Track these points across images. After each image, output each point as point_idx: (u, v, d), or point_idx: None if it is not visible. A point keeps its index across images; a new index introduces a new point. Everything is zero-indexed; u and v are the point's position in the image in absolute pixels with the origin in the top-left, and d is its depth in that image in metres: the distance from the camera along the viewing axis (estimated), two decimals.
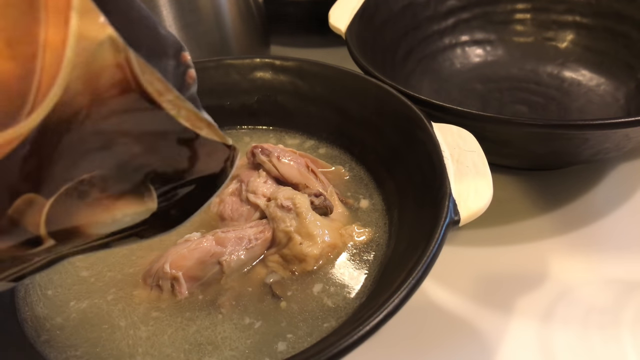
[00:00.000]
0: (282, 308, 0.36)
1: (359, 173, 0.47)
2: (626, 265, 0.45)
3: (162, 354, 0.34)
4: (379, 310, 0.28)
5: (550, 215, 0.50)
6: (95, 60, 0.20)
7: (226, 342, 0.35)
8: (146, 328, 0.36)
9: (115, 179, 0.23)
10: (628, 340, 0.40)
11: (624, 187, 0.53)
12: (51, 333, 0.36)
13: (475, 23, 0.68)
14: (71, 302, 0.38)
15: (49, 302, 0.38)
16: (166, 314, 0.36)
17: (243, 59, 0.52)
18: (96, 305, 0.37)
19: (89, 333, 0.36)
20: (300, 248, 0.38)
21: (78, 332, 0.36)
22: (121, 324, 0.36)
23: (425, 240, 0.32)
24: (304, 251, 0.38)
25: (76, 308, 0.37)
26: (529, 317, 0.42)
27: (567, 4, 0.66)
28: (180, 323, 0.36)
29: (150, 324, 0.36)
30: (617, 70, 0.62)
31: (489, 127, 0.45)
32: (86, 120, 0.21)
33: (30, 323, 0.37)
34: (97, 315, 0.37)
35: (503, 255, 0.47)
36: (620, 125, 0.42)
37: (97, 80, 0.20)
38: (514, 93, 0.63)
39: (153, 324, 0.36)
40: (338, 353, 0.27)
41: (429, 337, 0.41)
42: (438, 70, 0.66)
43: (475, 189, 0.36)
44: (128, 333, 0.35)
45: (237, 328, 0.35)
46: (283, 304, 0.37)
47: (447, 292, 0.44)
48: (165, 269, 0.37)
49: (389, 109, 0.44)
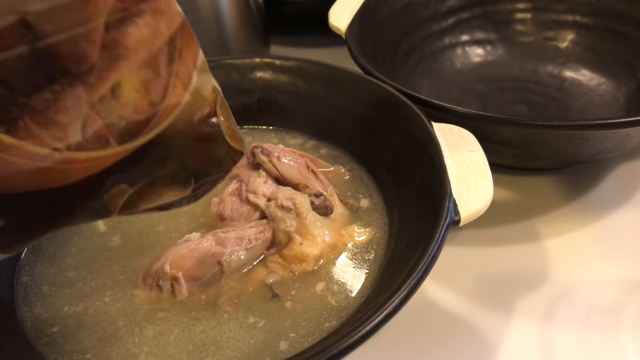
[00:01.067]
0: (286, 307, 0.36)
1: (359, 173, 0.47)
2: (626, 265, 0.45)
3: (165, 354, 0.34)
4: (379, 310, 0.28)
5: (550, 215, 0.50)
6: (200, 100, 0.28)
7: (230, 342, 0.35)
8: (152, 327, 0.36)
9: (176, 177, 0.30)
10: (628, 340, 0.40)
11: (624, 187, 0.53)
12: (52, 336, 0.36)
13: (475, 23, 0.68)
14: (69, 304, 0.38)
15: (47, 302, 0.38)
16: (172, 313, 0.36)
17: (243, 59, 0.52)
18: (95, 306, 0.37)
19: (93, 333, 0.36)
20: (300, 248, 0.38)
21: (79, 332, 0.36)
22: (120, 323, 0.36)
23: (425, 240, 0.32)
24: (304, 251, 0.38)
25: (75, 309, 0.37)
26: (529, 317, 0.42)
27: (567, 4, 0.66)
28: (187, 323, 0.36)
29: (157, 323, 0.36)
30: (618, 70, 0.62)
31: (489, 127, 0.45)
32: (178, 137, 0.28)
33: (30, 323, 0.37)
34: (96, 316, 0.37)
35: (503, 255, 0.47)
36: (621, 125, 0.42)
37: (195, 111, 0.28)
38: (514, 93, 0.63)
39: (160, 323, 0.36)
40: (338, 353, 0.27)
41: (429, 337, 0.41)
42: (438, 70, 0.66)
43: (476, 189, 0.36)
44: (133, 332, 0.36)
45: (241, 327, 0.35)
46: (288, 304, 0.36)
47: (447, 292, 0.44)
48: (165, 269, 0.37)
49: (389, 109, 0.44)
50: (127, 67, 0.25)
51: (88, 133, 0.25)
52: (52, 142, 0.24)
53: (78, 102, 0.24)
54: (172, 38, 0.26)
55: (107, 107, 0.25)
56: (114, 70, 0.25)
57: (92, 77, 0.24)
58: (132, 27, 0.24)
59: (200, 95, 0.28)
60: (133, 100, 0.26)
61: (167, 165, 0.29)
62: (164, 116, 0.27)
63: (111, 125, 0.26)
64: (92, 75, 0.24)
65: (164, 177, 0.30)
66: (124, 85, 0.25)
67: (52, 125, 0.24)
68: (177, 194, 0.31)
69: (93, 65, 0.24)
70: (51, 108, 0.24)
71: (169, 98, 0.27)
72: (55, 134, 0.24)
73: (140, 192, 0.29)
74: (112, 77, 0.25)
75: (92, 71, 0.24)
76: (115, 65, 0.25)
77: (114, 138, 0.26)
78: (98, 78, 0.24)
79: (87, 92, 0.24)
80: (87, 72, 0.24)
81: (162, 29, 0.25)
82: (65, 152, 0.25)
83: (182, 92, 0.27)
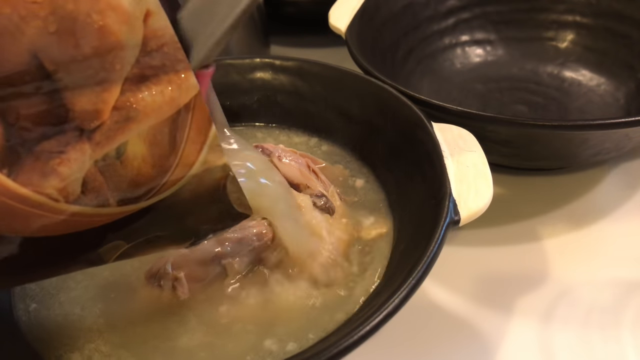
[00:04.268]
0: (285, 307, 0.36)
1: (359, 173, 0.47)
2: (626, 265, 0.45)
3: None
4: (379, 310, 0.28)
5: (550, 215, 0.50)
6: (209, 174, 0.28)
7: (233, 342, 0.35)
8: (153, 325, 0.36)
9: (176, 236, 0.31)
10: (628, 340, 0.40)
11: (624, 187, 0.53)
12: (49, 333, 0.36)
13: (475, 23, 0.68)
14: (67, 302, 0.38)
15: (45, 300, 0.38)
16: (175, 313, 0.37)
17: (243, 59, 0.52)
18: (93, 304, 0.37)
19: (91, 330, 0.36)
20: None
21: (77, 330, 0.36)
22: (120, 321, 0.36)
23: (425, 240, 0.32)
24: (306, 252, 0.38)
25: (72, 307, 0.37)
26: (529, 317, 0.42)
27: (567, 4, 0.66)
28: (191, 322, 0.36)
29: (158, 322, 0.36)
30: (618, 70, 0.62)
31: (489, 127, 0.45)
32: (182, 205, 0.28)
33: (27, 321, 0.37)
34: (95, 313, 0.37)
35: (503, 255, 0.47)
36: (621, 125, 0.42)
37: (202, 184, 0.28)
38: (514, 93, 0.63)
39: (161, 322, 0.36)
40: (338, 353, 0.27)
41: (429, 337, 0.41)
42: (438, 70, 0.66)
43: (476, 189, 0.36)
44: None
45: (243, 327, 0.35)
46: (287, 303, 0.37)
47: (447, 292, 0.44)
48: (167, 270, 0.37)
49: (389, 109, 0.44)
50: (135, 130, 0.25)
51: (88, 189, 0.25)
52: (51, 191, 0.24)
53: (82, 157, 0.24)
54: (184, 109, 0.26)
55: (111, 167, 0.25)
56: (122, 132, 0.25)
57: (100, 135, 0.25)
58: (147, 92, 0.25)
59: (209, 169, 0.28)
60: (137, 164, 0.26)
61: (167, 227, 0.30)
62: (168, 185, 0.27)
63: (112, 186, 0.26)
64: (100, 133, 0.24)
65: (163, 237, 0.30)
66: (130, 148, 0.25)
67: (54, 175, 0.24)
68: (174, 248, 0.32)
69: (103, 123, 0.24)
70: (55, 158, 0.24)
71: (174, 168, 0.27)
72: (55, 184, 0.24)
73: (136, 247, 0.30)
74: (119, 138, 0.25)
75: (101, 129, 0.24)
76: (124, 126, 0.25)
77: (114, 198, 0.26)
78: (105, 137, 0.25)
79: (93, 148, 0.25)
80: (96, 129, 0.24)
81: (175, 98, 0.25)
82: (63, 204, 0.25)
83: (189, 164, 0.27)
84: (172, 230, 0.30)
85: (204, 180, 0.28)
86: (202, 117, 0.26)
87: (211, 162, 0.27)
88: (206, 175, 0.28)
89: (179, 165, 0.27)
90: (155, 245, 0.31)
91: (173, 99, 0.25)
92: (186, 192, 0.28)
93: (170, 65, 0.25)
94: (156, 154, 0.26)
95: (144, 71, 0.24)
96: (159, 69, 0.25)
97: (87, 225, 0.27)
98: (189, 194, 0.28)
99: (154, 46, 0.24)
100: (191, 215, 0.30)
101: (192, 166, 0.27)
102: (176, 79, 0.25)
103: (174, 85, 0.25)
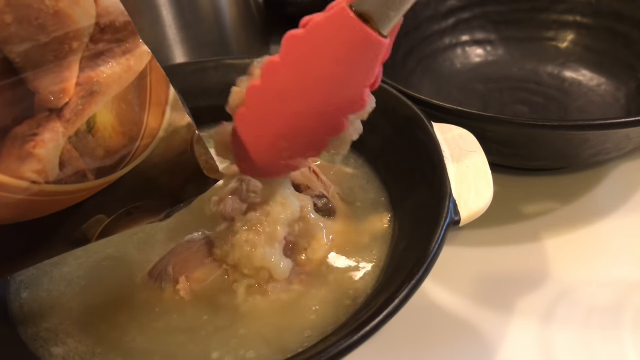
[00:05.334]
0: (285, 308, 0.36)
1: (359, 173, 0.47)
2: (626, 265, 0.45)
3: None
4: (379, 310, 0.28)
5: (550, 215, 0.50)
6: (175, 136, 0.29)
7: (239, 342, 0.35)
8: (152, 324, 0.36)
9: (152, 205, 0.32)
10: (629, 340, 0.39)
11: (624, 187, 0.53)
12: (47, 330, 0.36)
13: (475, 23, 0.68)
14: (64, 298, 0.38)
15: (40, 297, 0.38)
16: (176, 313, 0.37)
17: (243, 59, 0.52)
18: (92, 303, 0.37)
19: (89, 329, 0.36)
20: (303, 251, 0.38)
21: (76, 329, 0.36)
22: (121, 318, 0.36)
23: (425, 240, 0.32)
24: (308, 254, 0.38)
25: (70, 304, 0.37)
26: (529, 317, 0.42)
27: (567, 4, 0.66)
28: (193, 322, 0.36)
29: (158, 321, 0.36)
30: (618, 70, 0.62)
31: (489, 127, 0.45)
32: (154, 170, 0.30)
33: (22, 318, 0.37)
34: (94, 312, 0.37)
35: (503, 255, 0.47)
36: (621, 125, 0.42)
37: (171, 147, 0.30)
38: (514, 93, 0.63)
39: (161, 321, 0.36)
40: (338, 353, 0.27)
41: (429, 338, 0.41)
42: (438, 70, 0.66)
43: (476, 189, 0.36)
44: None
45: (245, 327, 0.35)
46: (287, 304, 0.37)
47: (447, 292, 0.44)
48: (169, 271, 0.37)
49: (389, 109, 0.44)
50: (101, 102, 0.27)
51: (65, 167, 0.26)
52: (31, 175, 0.25)
53: (55, 136, 0.26)
54: (142, 74, 0.28)
55: (84, 141, 0.27)
56: (89, 105, 0.26)
57: (69, 112, 0.26)
58: (104, 65, 0.27)
59: (175, 130, 0.29)
60: (108, 134, 0.27)
61: (143, 195, 0.31)
62: (139, 150, 0.29)
63: (88, 160, 0.27)
64: (68, 110, 0.26)
65: (140, 206, 0.32)
66: (99, 120, 0.27)
67: (31, 158, 0.25)
68: (151, 220, 0.33)
69: (69, 100, 0.26)
70: (29, 142, 0.25)
71: (143, 132, 0.28)
72: (34, 167, 0.25)
73: (116, 220, 0.31)
74: (87, 112, 0.26)
75: (69, 106, 0.26)
76: (90, 100, 0.26)
77: (91, 172, 0.27)
78: (74, 113, 0.26)
79: (64, 126, 0.26)
80: (64, 107, 0.26)
81: (132, 66, 0.27)
82: (44, 185, 0.26)
83: (156, 127, 0.29)
84: (147, 198, 0.31)
85: (172, 143, 0.30)
86: (160, 79, 0.28)
87: (176, 122, 0.29)
88: (173, 137, 0.29)
89: (146, 129, 0.28)
90: (134, 218, 0.32)
91: (130, 67, 0.27)
92: (157, 157, 0.29)
93: (123, 37, 0.27)
94: (124, 122, 0.28)
95: (100, 46, 0.26)
96: (113, 42, 0.27)
97: (69, 202, 0.28)
98: (159, 159, 0.30)
99: (107, 22, 0.26)
100: (164, 180, 0.31)
101: (158, 129, 0.29)
102: (130, 49, 0.27)
103: (128, 54, 0.27)
